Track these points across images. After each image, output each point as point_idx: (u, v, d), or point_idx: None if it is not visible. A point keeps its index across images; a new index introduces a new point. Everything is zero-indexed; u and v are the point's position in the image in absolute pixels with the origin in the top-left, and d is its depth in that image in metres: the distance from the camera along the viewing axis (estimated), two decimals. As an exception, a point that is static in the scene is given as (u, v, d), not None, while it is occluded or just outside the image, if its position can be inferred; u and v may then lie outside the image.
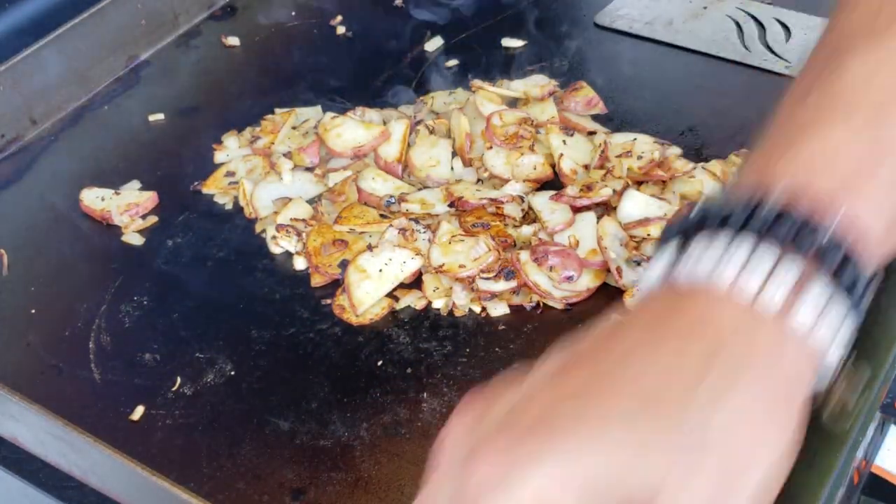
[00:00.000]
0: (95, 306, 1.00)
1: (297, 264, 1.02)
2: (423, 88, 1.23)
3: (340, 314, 0.97)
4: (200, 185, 1.12)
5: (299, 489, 0.82)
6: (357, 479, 0.82)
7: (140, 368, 0.93)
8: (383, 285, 0.97)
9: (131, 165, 1.16)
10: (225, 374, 0.92)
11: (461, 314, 0.96)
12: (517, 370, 0.56)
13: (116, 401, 0.90)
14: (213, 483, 0.83)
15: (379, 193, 1.06)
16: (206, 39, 1.36)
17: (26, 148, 1.20)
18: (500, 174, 1.08)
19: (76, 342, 0.96)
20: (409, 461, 0.83)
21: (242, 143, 1.17)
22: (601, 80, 1.21)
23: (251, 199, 1.08)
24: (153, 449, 0.86)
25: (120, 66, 1.30)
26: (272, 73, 1.29)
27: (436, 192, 1.06)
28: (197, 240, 1.07)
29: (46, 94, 1.22)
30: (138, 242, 1.07)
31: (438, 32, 1.32)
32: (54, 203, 1.12)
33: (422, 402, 0.88)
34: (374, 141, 1.11)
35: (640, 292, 0.57)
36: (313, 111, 1.21)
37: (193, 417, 0.88)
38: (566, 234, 0.99)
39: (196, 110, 1.25)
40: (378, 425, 0.86)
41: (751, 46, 1.25)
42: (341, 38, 1.35)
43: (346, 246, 1.01)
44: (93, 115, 1.24)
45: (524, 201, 1.04)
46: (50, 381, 0.93)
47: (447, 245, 0.99)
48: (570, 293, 0.95)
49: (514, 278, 0.96)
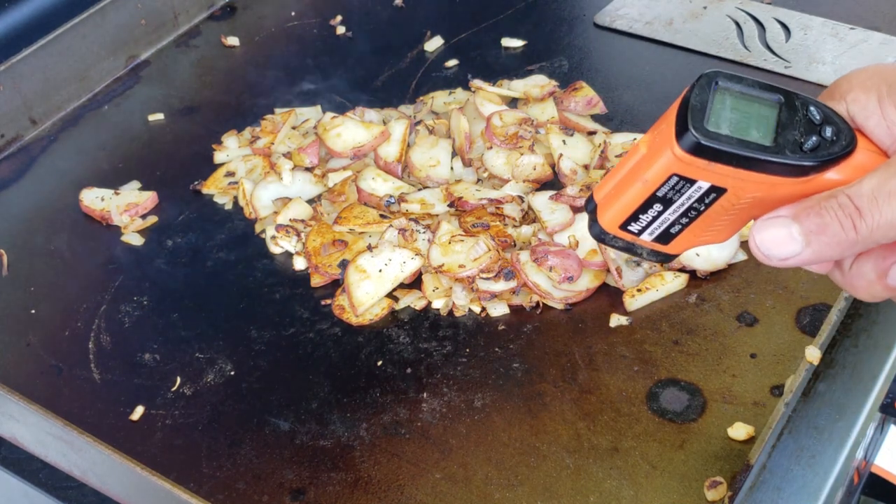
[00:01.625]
0: (95, 306, 1.00)
1: (297, 264, 1.02)
2: (423, 88, 1.24)
3: (340, 314, 0.97)
4: (200, 185, 1.12)
5: (299, 489, 0.82)
6: (357, 479, 0.83)
7: (140, 368, 0.93)
8: (383, 285, 0.97)
9: (131, 165, 1.16)
10: (225, 374, 0.92)
11: (461, 314, 0.96)
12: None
13: (116, 401, 0.90)
14: (213, 483, 0.83)
15: (379, 193, 1.06)
16: (206, 39, 1.36)
17: (26, 148, 1.20)
18: (500, 174, 1.08)
19: (76, 342, 0.96)
20: (409, 461, 0.83)
21: (242, 143, 1.17)
22: (601, 80, 1.21)
23: (251, 199, 1.08)
24: (153, 449, 0.86)
25: (120, 66, 1.30)
26: (272, 73, 1.29)
27: (436, 192, 1.06)
28: (197, 240, 1.07)
29: (46, 94, 1.22)
30: (138, 242, 1.07)
31: (438, 32, 1.32)
32: (54, 203, 1.12)
33: (422, 402, 0.88)
34: (373, 141, 1.11)
35: None
36: (313, 111, 1.21)
37: (193, 417, 0.89)
38: (566, 234, 0.99)
39: (196, 110, 1.25)
40: (378, 425, 0.86)
41: (751, 46, 1.25)
42: (341, 38, 1.35)
43: (346, 246, 1.01)
44: (93, 115, 1.24)
45: (524, 201, 1.04)
46: (50, 381, 0.93)
47: (447, 245, 0.99)
48: (570, 293, 0.95)
49: (514, 278, 0.96)
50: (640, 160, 0.59)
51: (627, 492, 0.80)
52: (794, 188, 0.57)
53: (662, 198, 0.58)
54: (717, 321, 0.93)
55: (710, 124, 0.55)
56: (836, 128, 0.57)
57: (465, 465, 0.83)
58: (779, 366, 0.88)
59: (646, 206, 0.59)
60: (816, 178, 0.57)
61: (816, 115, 0.57)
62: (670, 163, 0.56)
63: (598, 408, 0.86)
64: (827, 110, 0.58)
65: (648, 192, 0.58)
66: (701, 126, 0.55)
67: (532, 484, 0.81)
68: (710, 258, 0.96)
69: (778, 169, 0.56)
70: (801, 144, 0.56)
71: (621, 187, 0.60)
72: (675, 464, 0.81)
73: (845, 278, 0.62)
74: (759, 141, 0.55)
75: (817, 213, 0.56)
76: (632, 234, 0.61)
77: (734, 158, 0.55)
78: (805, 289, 0.94)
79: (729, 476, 0.79)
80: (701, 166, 0.56)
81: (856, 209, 0.55)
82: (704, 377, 0.88)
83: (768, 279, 0.96)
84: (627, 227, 0.61)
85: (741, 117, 0.56)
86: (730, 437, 0.83)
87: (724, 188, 0.57)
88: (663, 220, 0.60)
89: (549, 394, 0.88)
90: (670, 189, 0.58)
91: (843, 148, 0.56)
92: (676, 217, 0.59)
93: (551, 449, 0.83)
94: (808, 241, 0.57)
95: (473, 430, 0.86)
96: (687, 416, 0.85)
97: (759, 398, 0.85)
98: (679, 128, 0.56)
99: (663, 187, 0.58)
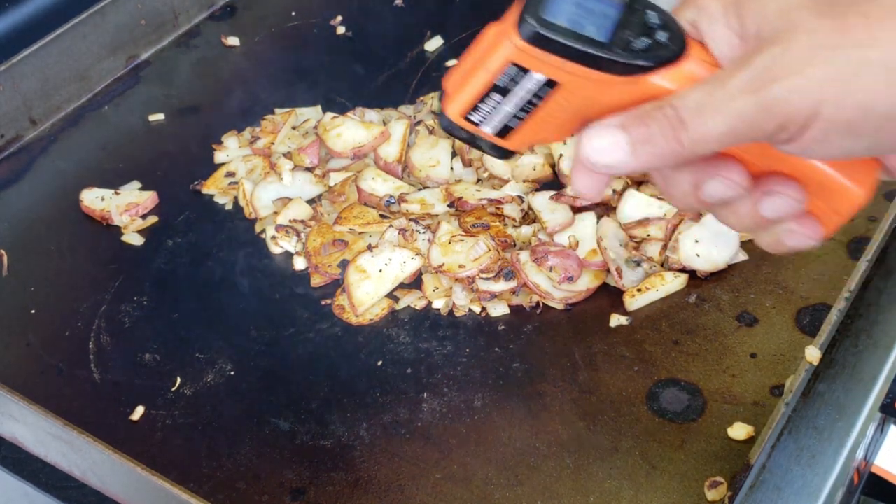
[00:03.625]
0: (95, 306, 1.00)
1: (297, 264, 1.02)
2: (423, 88, 1.23)
3: (340, 314, 0.97)
4: (200, 185, 1.12)
5: (299, 489, 0.82)
6: (357, 479, 0.83)
7: (140, 368, 0.93)
8: (383, 285, 0.97)
9: (131, 165, 1.16)
10: (225, 374, 0.92)
11: (461, 314, 0.96)
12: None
13: (116, 401, 0.90)
14: (213, 483, 0.83)
15: (379, 193, 1.06)
16: (206, 39, 1.36)
17: (26, 148, 1.20)
18: (500, 174, 1.08)
19: (76, 342, 0.96)
20: (409, 461, 0.83)
21: (242, 143, 1.17)
22: (601, 80, 1.21)
23: (251, 199, 1.08)
24: (153, 449, 0.86)
25: (120, 66, 1.30)
26: (272, 73, 1.29)
27: (436, 192, 1.06)
28: (197, 240, 1.07)
29: (46, 94, 1.22)
30: (138, 242, 1.07)
31: (438, 32, 1.32)
32: (54, 203, 1.12)
33: (422, 402, 0.88)
34: (374, 141, 1.11)
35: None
36: (313, 111, 1.21)
37: (193, 417, 0.89)
38: (566, 234, 0.99)
39: (196, 110, 1.25)
40: (378, 425, 0.86)
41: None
42: (341, 38, 1.35)
43: (346, 246, 1.01)
44: (93, 115, 1.24)
45: (524, 201, 1.04)
46: (50, 381, 0.93)
47: (447, 245, 0.99)
48: (570, 293, 0.95)
49: (514, 278, 0.96)
50: (485, 48, 0.60)
51: (627, 492, 0.80)
52: (623, 90, 0.58)
53: (502, 88, 0.60)
54: (717, 321, 0.93)
55: (549, 15, 0.57)
56: (671, 34, 0.58)
57: (465, 465, 0.83)
58: (779, 366, 0.88)
59: (486, 95, 0.61)
60: (644, 81, 0.58)
61: (654, 20, 0.59)
62: (509, 52, 0.58)
63: (598, 408, 0.86)
64: (667, 17, 0.59)
65: (489, 80, 0.60)
66: (539, 16, 0.57)
67: (532, 484, 0.81)
68: (711, 258, 0.96)
69: (607, 66, 0.57)
70: (631, 44, 0.57)
71: (467, 75, 0.61)
72: (675, 464, 0.81)
73: (665, 186, 0.62)
74: (593, 36, 0.57)
75: (644, 122, 0.57)
76: (474, 124, 0.63)
77: (567, 50, 0.57)
78: (805, 289, 0.94)
79: (729, 476, 0.79)
80: (537, 56, 0.58)
81: (680, 120, 0.56)
82: (704, 377, 0.88)
83: (768, 279, 0.96)
84: (470, 116, 0.62)
85: (581, 13, 0.58)
86: (730, 437, 0.83)
87: (558, 82, 0.59)
88: (502, 112, 0.61)
89: (549, 394, 0.88)
90: (509, 79, 0.59)
91: (672, 53, 0.58)
92: (514, 110, 0.61)
93: (551, 449, 0.83)
94: (633, 151, 0.58)
95: (473, 430, 0.86)
96: (687, 416, 0.85)
97: (759, 398, 0.85)
98: (520, 17, 0.57)
99: (503, 76, 0.59)
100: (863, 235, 0.98)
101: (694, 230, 0.97)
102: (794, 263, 0.97)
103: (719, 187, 0.59)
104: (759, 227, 0.62)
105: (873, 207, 1.01)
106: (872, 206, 1.01)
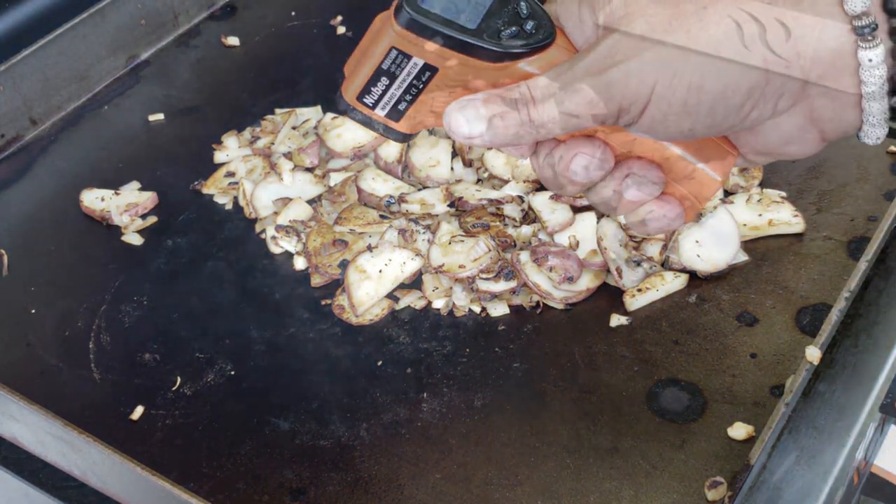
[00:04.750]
0: (95, 306, 1.00)
1: (297, 264, 1.02)
2: (423, 88, 1.23)
3: (340, 314, 0.97)
4: (200, 185, 1.12)
5: (299, 489, 0.82)
6: (357, 479, 0.83)
7: (140, 368, 0.93)
8: (383, 286, 0.97)
9: (131, 165, 1.16)
10: (225, 374, 0.92)
11: (461, 314, 0.96)
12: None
13: (116, 401, 0.90)
14: (213, 483, 0.83)
15: (379, 194, 1.06)
16: (206, 39, 1.36)
17: (26, 148, 1.20)
18: (500, 174, 1.08)
19: (76, 342, 0.96)
20: (409, 461, 0.83)
21: (242, 143, 1.17)
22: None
23: (251, 200, 1.08)
24: (153, 449, 0.86)
25: (120, 66, 1.30)
26: (272, 73, 1.29)
27: (436, 192, 1.06)
28: (197, 240, 1.07)
29: (46, 94, 1.22)
30: (138, 242, 1.07)
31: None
32: (54, 203, 1.12)
33: (422, 402, 0.88)
34: (374, 141, 1.11)
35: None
36: (313, 111, 1.21)
37: (193, 417, 0.89)
38: (566, 234, 0.99)
39: (196, 110, 1.25)
40: (378, 425, 0.86)
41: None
42: (341, 38, 1.35)
43: (346, 246, 1.01)
44: (93, 115, 1.24)
45: (524, 201, 1.04)
46: (50, 381, 0.93)
47: (447, 245, 0.99)
48: (570, 293, 0.95)
49: (514, 279, 0.96)
50: (375, 33, 0.63)
51: (627, 492, 0.80)
52: (494, 74, 0.62)
53: (387, 71, 0.63)
54: (717, 321, 0.93)
55: (424, 3, 0.60)
56: (538, 23, 0.62)
57: (465, 465, 0.83)
58: (779, 366, 0.88)
59: (375, 78, 0.64)
60: (512, 67, 0.62)
61: (524, 10, 0.62)
62: (390, 37, 0.61)
63: (598, 408, 0.86)
64: (536, 7, 0.63)
65: (375, 64, 0.63)
66: (415, 4, 0.60)
67: (532, 484, 0.81)
68: (711, 258, 0.96)
69: (477, 52, 0.61)
70: (500, 32, 0.61)
71: (359, 59, 0.64)
72: (675, 464, 0.81)
73: (538, 168, 0.66)
74: (464, 24, 0.60)
75: (502, 99, 0.61)
76: (367, 106, 0.65)
77: (439, 37, 0.60)
78: (805, 289, 0.94)
79: (729, 476, 0.79)
80: (413, 41, 0.61)
81: (531, 98, 0.60)
82: (704, 377, 0.88)
83: (768, 279, 0.96)
84: (363, 99, 0.65)
85: (456, 1, 0.61)
86: (730, 437, 0.83)
87: (436, 66, 0.62)
88: (391, 95, 0.64)
89: (549, 394, 0.88)
90: (392, 63, 0.62)
91: (538, 41, 0.61)
92: (401, 93, 0.64)
93: (551, 449, 0.83)
94: (490, 125, 0.62)
95: (473, 430, 0.86)
96: (687, 416, 0.85)
97: (759, 398, 0.85)
98: (398, 4, 0.61)
99: (386, 60, 0.62)
100: (863, 235, 0.98)
101: (694, 231, 0.97)
102: (794, 263, 0.97)
103: (583, 163, 0.63)
104: (624, 209, 0.66)
105: (873, 207, 1.02)
106: (872, 206, 1.02)
